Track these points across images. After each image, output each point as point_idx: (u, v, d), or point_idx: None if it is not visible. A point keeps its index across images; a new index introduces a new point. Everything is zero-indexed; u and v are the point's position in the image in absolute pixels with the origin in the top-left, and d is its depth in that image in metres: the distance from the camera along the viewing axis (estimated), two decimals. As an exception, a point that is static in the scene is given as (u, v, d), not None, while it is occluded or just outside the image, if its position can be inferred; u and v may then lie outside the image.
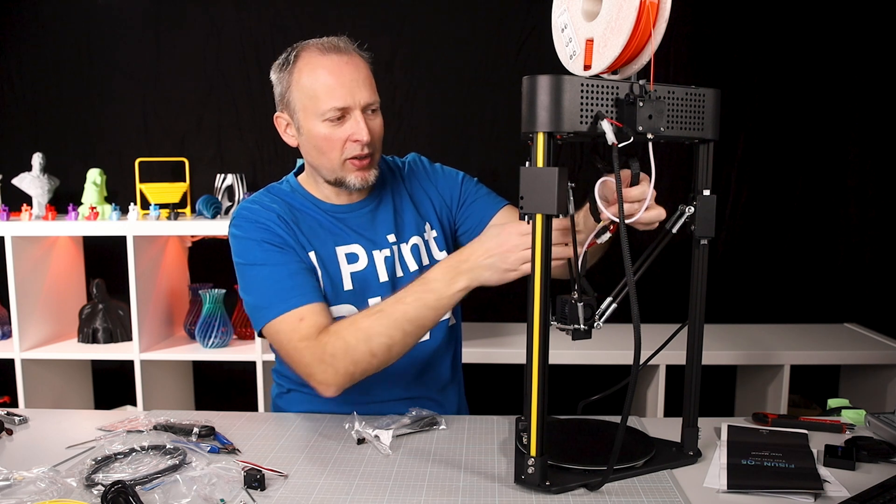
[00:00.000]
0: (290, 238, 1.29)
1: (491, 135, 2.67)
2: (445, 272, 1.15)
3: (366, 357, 1.17)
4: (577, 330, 1.03)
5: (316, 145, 1.29)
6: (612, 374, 1.14)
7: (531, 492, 1.00)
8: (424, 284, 1.16)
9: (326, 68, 1.25)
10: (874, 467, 1.08)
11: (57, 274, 2.55)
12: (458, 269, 1.13)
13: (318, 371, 1.19)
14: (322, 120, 1.26)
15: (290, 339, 1.22)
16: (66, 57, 2.71)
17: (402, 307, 1.16)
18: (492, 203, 1.46)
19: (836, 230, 2.68)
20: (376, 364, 1.18)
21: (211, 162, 2.72)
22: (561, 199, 0.93)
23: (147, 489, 1.00)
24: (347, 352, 1.17)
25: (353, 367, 1.17)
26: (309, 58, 1.27)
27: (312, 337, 1.19)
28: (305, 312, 1.22)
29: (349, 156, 1.29)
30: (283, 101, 1.31)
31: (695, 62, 2.61)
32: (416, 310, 1.15)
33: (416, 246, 1.41)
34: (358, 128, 1.26)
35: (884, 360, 2.23)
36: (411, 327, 1.16)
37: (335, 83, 1.24)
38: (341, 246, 1.35)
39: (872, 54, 2.58)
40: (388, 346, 1.16)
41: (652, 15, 0.90)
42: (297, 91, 1.27)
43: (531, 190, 0.94)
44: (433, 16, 2.64)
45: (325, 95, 1.24)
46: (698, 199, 1.06)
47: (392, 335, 1.16)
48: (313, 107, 1.26)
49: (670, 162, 2.56)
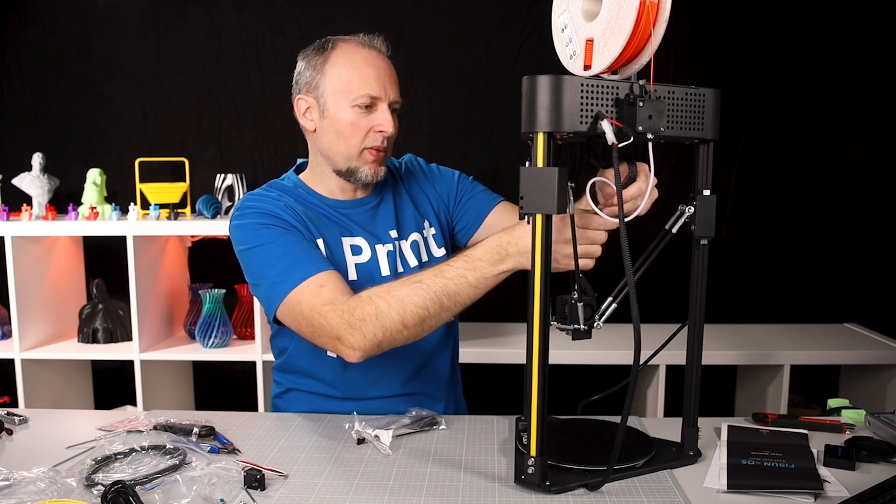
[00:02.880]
0: (298, 224, 1.29)
1: (491, 135, 2.67)
2: (492, 252, 1.11)
3: (396, 325, 1.12)
4: (577, 330, 1.03)
5: (339, 129, 1.30)
6: (612, 374, 1.14)
7: (531, 492, 1.00)
8: (468, 261, 1.12)
9: (364, 58, 1.30)
10: (874, 467, 1.09)
11: (57, 274, 2.55)
12: (506, 250, 1.10)
13: (345, 334, 1.13)
14: (351, 105, 1.29)
15: (312, 306, 1.17)
16: (66, 57, 2.71)
17: (443, 281, 1.12)
18: (488, 199, 1.47)
19: (836, 230, 2.68)
20: (406, 335, 1.13)
21: (211, 162, 2.72)
22: (561, 199, 0.93)
23: (147, 489, 1.00)
24: (378, 317, 1.12)
25: (382, 335, 1.12)
26: (348, 47, 1.31)
27: (339, 300, 1.15)
28: (325, 279, 1.19)
29: (369, 145, 1.31)
30: (310, 84, 1.32)
31: (695, 62, 2.61)
32: (456, 285, 1.11)
33: (415, 242, 1.42)
34: (384, 119, 1.30)
35: (884, 360, 2.23)
36: (449, 302, 1.12)
37: (372, 74, 1.29)
38: (347, 237, 1.35)
39: (872, 54, 2.58)
40: (422, 317, 1.12)
41: (652, 15, 0.90)
42: (330, 75, 1.30)
43: (531, 190, 0.93)
44: (433, 16, 2.64)
45: (361, 82, 1.28)
46: (698, 199, 1.06)
47: (428, 307, 1.11)
48: (345, 91, 1.28)
49: (670, 162, 2.57)
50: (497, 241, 1.12)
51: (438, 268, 1.14)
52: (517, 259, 1.10)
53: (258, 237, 1.26)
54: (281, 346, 1.42)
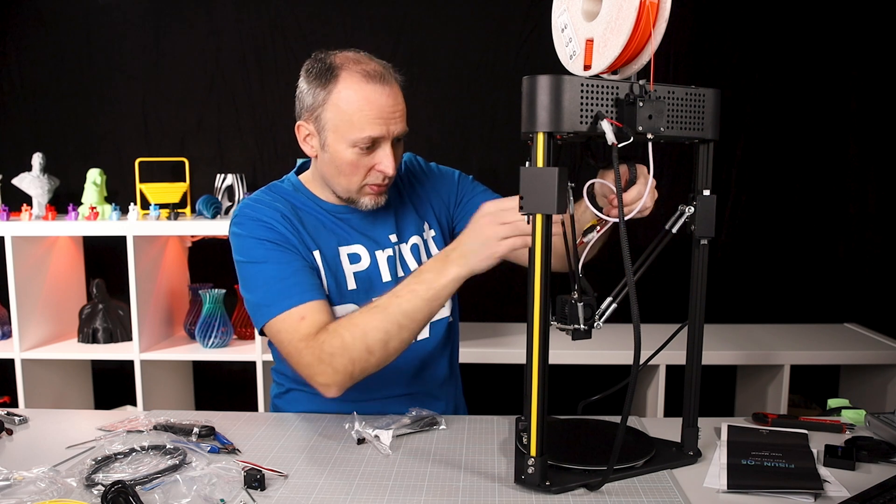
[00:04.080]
0: (294, 237, 1.29)
1: (491, 135, 2.67)
2: (436, 263, 1.14)
3: (363, 354, 1.15)
4: (577, 330, 1.03)
5: (338, 167, 1.27)
6: (612, 374, 1.14)
7: (531, 492, 1.00)
8: (417, 276, 1.15)
9: (367, 98, 1.22)
10: (874, 467, 1.09)
11: (57, 274, 2.55)
12: (448, 257, 1.12)
13: (317, 371, 1.17)
14: (352, 146, 1.24)
15: (290, 339, 1.21)
16: (66, 57, 2.71)
17: (397, 301, 1.14)
18: (488, 200, 1.46)
19: (836, 230, 2.68)
20: (374, 362, 1.16)
21: (211, 162, 2.72)
22: (561, 199, 0.93)
23: (147, 489, 1.00)
24: (345, 349, 1.15)
25: (352, 366, 1.16)
26: (351, 81, 1.23)
27: (313, 336, 1.19)
28: (306, 311, 1.21)
29: (370, 182, 1.29)
30: (312, 114, 1.27)
31: (695, 62, 2.61)
32: (409, 302, 1.13)
33: (415, 245, 1.41)
34: (386, 160, 1.26)
35: (884, 360, 2.23)
36: (406, 321, 1.14)
37: (374, 115, 1.23)
38: (344, 246, 1.35)
39: (872, 54, 2.58)
40: (384, 341, 1.14)
41: (652, 15, 0.90)
42: (332, 111, 1.24)
43: (531, 190, 0.93)
44: (433, 16, 2.64)
45: (362, 123, 1.23)
46: (698, 199, 1.06)
47: (388, 329, 1.14)
48: (346, 130, 1.23)
49: (670, 162, 2.57)
50: (440, 252, 1.15)
51: (394, 289, 1.17)
52: (459, 263, 1.11)
53: (253, 254, 1.27)
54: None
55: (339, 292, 1.32)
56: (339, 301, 1.32)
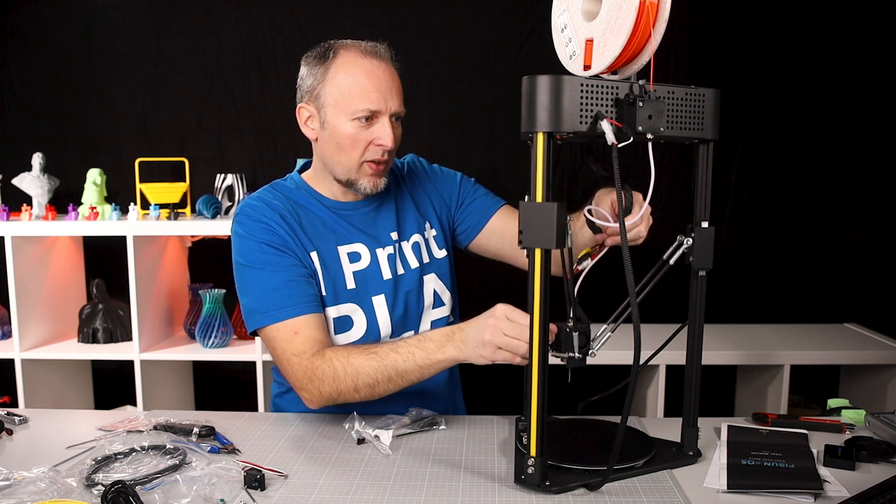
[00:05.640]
0: (292, 241, 1.30)
1: (491, 135, 2.67)
2: (440, 336, 1.18)
3: (349, 390, 1.20)
4: (572, 358, 1.04)
5: (338, 142, 1.30)
6: (612, 374, 1.14)
7: (531, 492, 1.00)
8: (420, 341, 1.19)
9: (365, 70, 1.27)
10: (874, 467, 1.09)
11: (57, 274, 2.55)
12: (452, 337, 1.16)
13: (305, 388, 1.23)
14: (351, 119, 1.27)
15: (283, 351, 1.25)
16: (66, 57, 2.71)
17: (394, 356, 1.18)
18: (490, 204, 1.47)
19: (836, 230, 2.68)
20: (358, 398, 1.21)
21: (211, 162, 2.72)
22: (560, 235, 0.94)
23: (147, 489, 1.00)
24: (335, 380, 1.20)
25: (336, 395, 1.21)
26: (348, 56, 1.28)
27: (306, 354, 1.22)
28: (300, 325, 1.24)
29: (368, 158, 1.30)
30: (311, 93, 1.31)
31: (695, 62, 2.61)
32: (405, 362, 1.18)
33: (416, 244, 1.42)
34: (384, 132, 1.28)
35: (884, 360, 2.23)
36: (397, 377, 1.19)
37: (371, 86, 1.26)
38: (343, 245, 1.35)
39: (872, 54, 2.58)
40: (371, 386, 1.19)
41: (652, 15, 0.90)
42: (331, 86, 1.28)
43: (530, 225, 0.94)
44: (433, 16, 2.64)
45: (360, 96, 1.26)
46: (696, 230, 1.06)
47: (378, 379, 1.18)
48: (345, 104, 1.27)
49: (670, 162, 2.57)
50: (451, 327, 1.19)
51: (394, 343, 1.21)
52: (457, 347, 1.14)
53: (251, 258, 1.29)
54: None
55: (337, 292, 1.32)
56: (337, 301, 1.32)
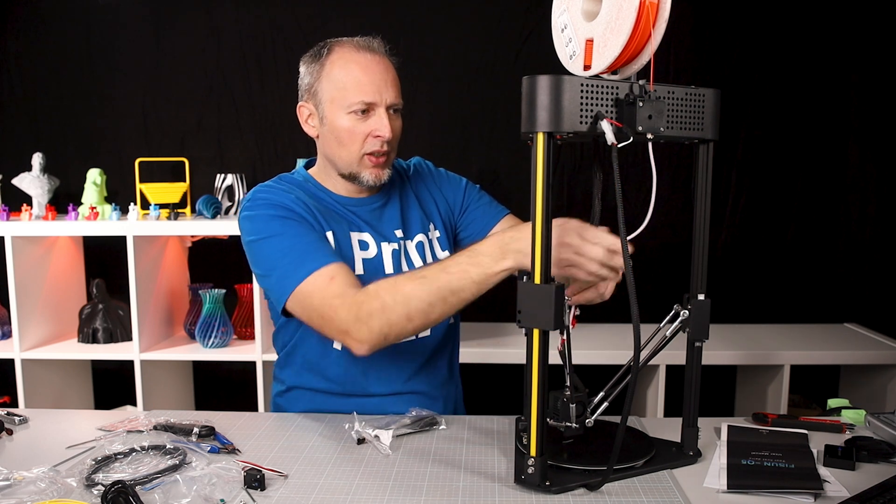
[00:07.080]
0: (309, 216, 1.30)
1: (491, 135, 2.67)
2: (494, 248, 1.11)
3: (402, 320, 1.14)
4: (569, 427, 1.04)
5: (337, 137, 1.31)
6: (612, 374, 1.14)
7: (531, 492, 1.00)
8: (472, 257, 1.12)
9: (359, 64, 1.29)
10: (874, 467, 1.09)
11: (57, 274, 2.55)
12: (508, 247, 1.10)
13: (353, 329, 1.15)
14: (348, 112, 1.29)
15: (323, 297, 1.19)
16: (66, 57, 2.71)
17: (446, 276, 1.12)
18: (494, 212, 1.48)
19: (836, 230, 2.68)
20: (411, 329, 1.16)
21: (211, 162, 2.72)
22: (558, 316, 0.93)
23: (147, 489, 1.00)
24: (384, 312, 1.14)
25: (388, 329, 1.14)
26: (343, 52, 1.30)
27: (348, 294, 1.17)
28: (335, 271, 1.20)
29: (368, 150, 1.31)
30: (309, 91, 1.33)
31: (695, 62, 2.61)
32: (459, 280, 1.11)
33: (420, 243, 1.42)
34: (381, 124, 1.29)
35: (884, 360, 2.23)
36: (453, 298, 1.12)
37: (366, 79, 1.28)
38: (355, 232, 1.36)
39: (872, 54, 2.58)
40: (426, 311, 1.13)
41: (652, 15, 0.90)
42: (326, 82, 1.30)
43: (529, 306, 0.94)
44: (433, 16, 2.64)
45: (355, 89, 1.28)
46: (693, 303, 1.07)
47: (432, 301, 1.12)
48: (341, 98, 1.29)
49: (670, 162, 2.57)
50: (500, 237, 1.12)
51: (443, 263, 1.15)
52: (517, 257, 1.09)
53: (269, 228, 1.27)
54: (284, 340, 1.42)
55: None
56: None
